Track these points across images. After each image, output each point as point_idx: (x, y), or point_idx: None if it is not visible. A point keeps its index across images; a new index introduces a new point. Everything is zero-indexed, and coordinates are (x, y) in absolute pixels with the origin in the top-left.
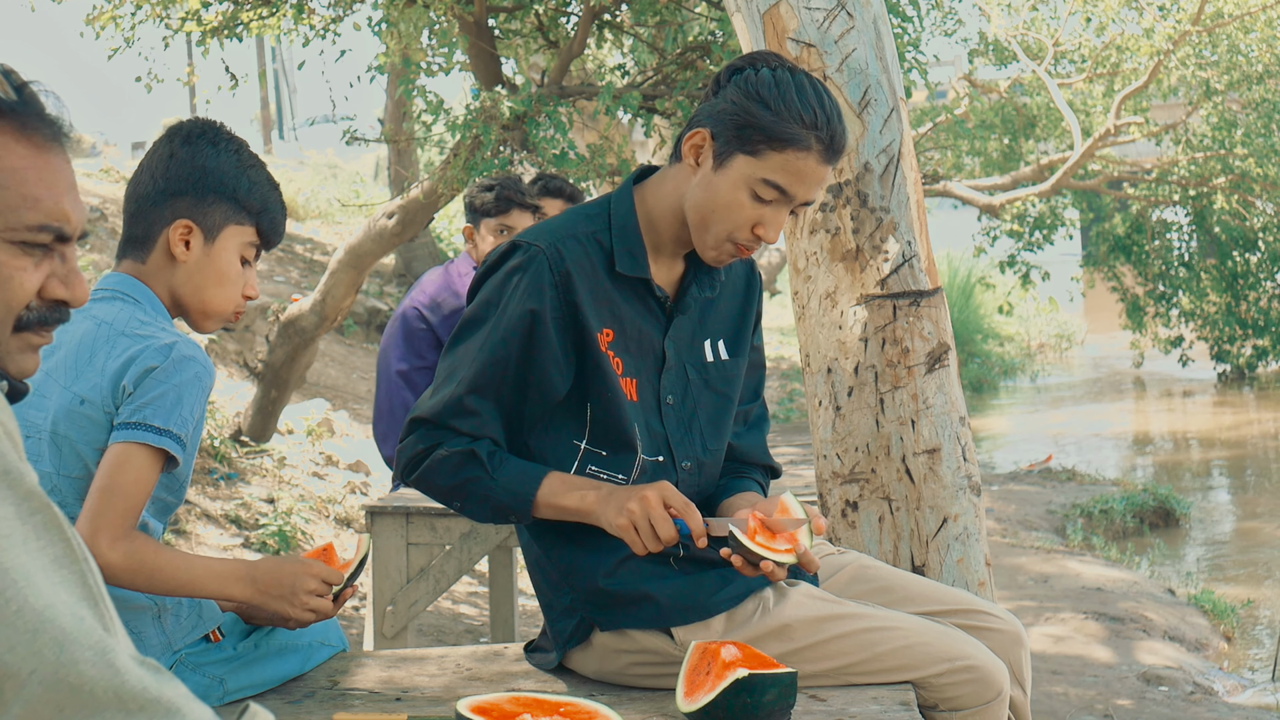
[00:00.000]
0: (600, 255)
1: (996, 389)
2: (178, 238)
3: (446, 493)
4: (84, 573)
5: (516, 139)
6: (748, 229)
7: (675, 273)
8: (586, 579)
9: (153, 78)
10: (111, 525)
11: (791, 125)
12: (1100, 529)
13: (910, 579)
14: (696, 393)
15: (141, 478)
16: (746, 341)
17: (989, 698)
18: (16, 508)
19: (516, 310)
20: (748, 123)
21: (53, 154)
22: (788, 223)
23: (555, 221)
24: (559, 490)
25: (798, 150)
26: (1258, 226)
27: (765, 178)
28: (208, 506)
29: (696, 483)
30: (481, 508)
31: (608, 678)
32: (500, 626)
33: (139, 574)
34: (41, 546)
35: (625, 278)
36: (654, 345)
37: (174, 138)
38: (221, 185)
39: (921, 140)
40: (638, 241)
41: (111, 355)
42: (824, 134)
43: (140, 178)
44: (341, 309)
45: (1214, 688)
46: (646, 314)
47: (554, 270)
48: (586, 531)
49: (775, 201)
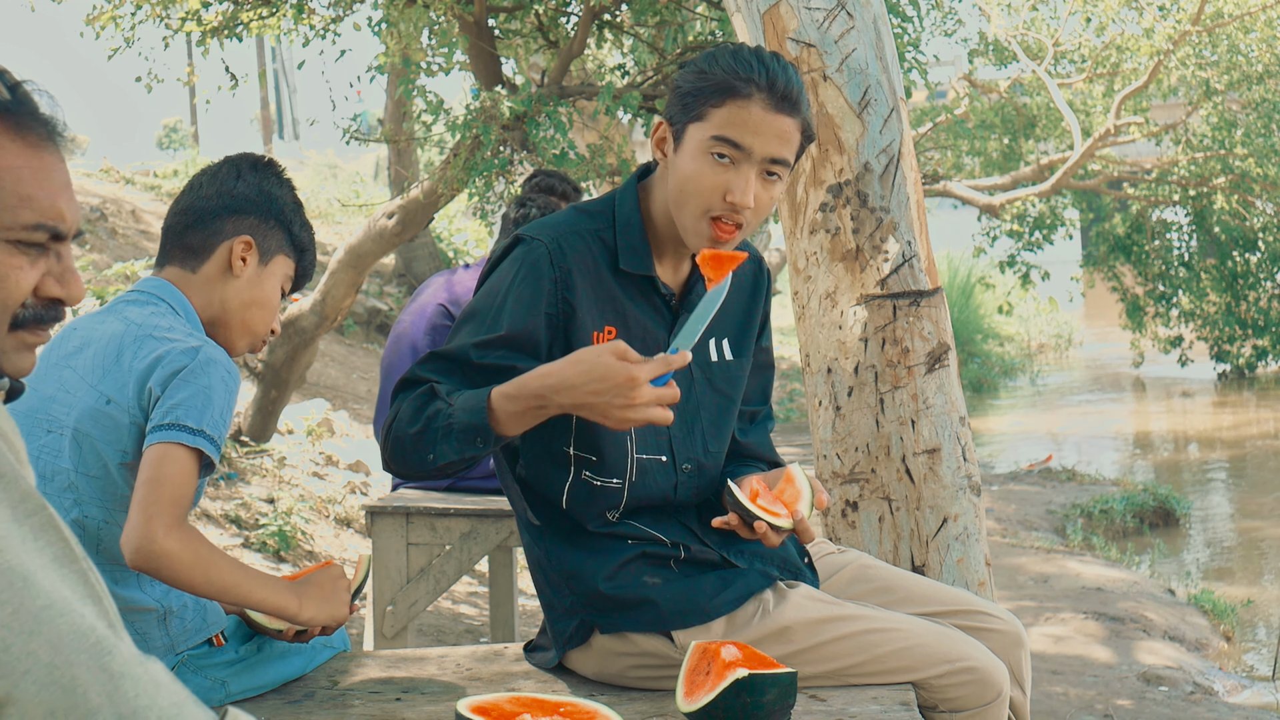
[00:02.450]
0: (604, 253)
1: (996, 389)
2: (240, 251)
3: (415, 440)
4: (84, 571)
5: (516, 139)
6: (718, 196)
7: (682, 273)
8: (587, 582)
9: (153, 78)
10: (164, 514)
11: (726, 79)
12: (1100, 529)
13: (911, 579)
14: (700, 393)
15: (184, 471)
16: (752, 342)
17: (989, 699)
18: (13, 509)
19: (513, 304)
20: (688, 91)
21: (47, 153)
22: (787, 222)
23: (559, 217)
24: (509, 385)
25: (737, 100)
26: (1258, 226)
27: (715, 134)
28: (208, 506)
29: (695, 484)
30: (448, 441)
31: (607, 679)
32: (500, 626)
33: (197, 563)
34: (40, 547)
35: (630, 275)
36: (659, 344)
37: (240, 163)
38: (282, 215)
39: (921, 140)
40: (641, 238)
41: (138, 356)
42: (762, 81)
43: (202, 191)
44: (341, 309)
45: (1214, 688)
46: (652, 312)
47: (555, 265)
48: (588, 535)
49: (735, 160)
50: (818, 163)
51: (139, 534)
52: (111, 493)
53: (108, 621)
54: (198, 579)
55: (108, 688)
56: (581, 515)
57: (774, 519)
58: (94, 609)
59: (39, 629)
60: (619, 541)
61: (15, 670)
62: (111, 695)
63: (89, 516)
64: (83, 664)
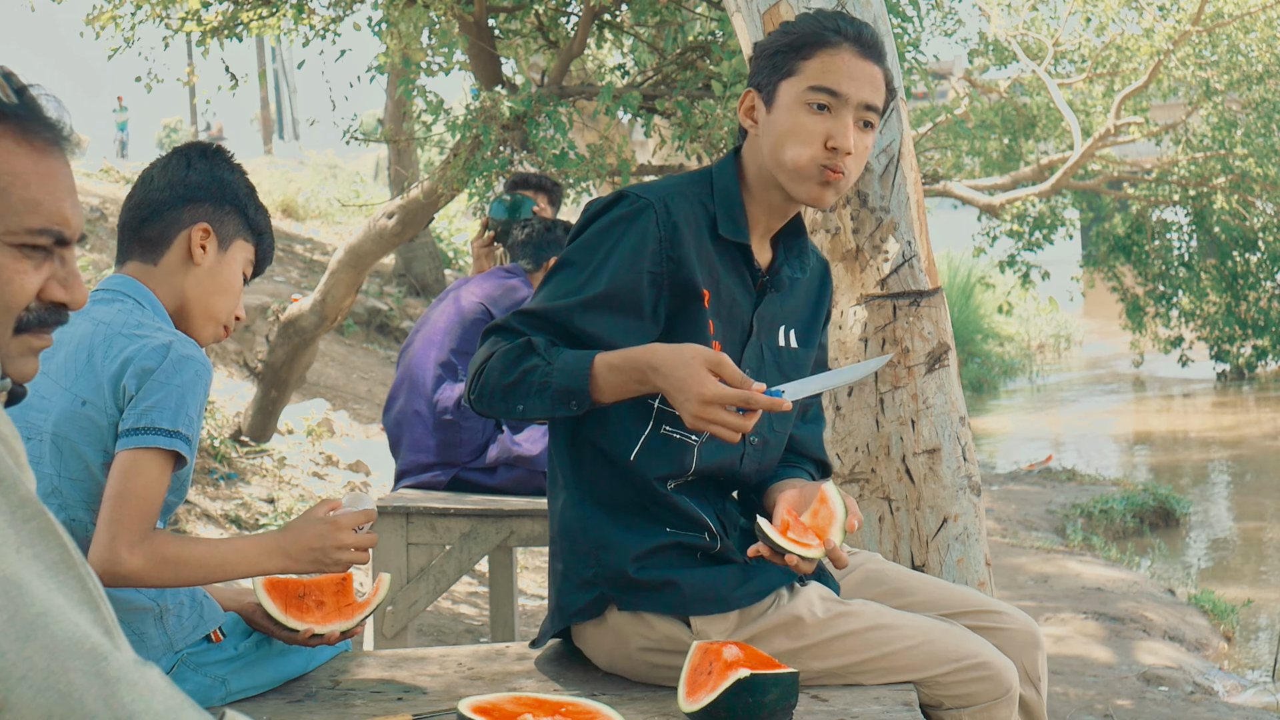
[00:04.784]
0: (705, 217)
1: (996, 389)
2: (199, 239)
3: (506, 391)
4: (82, 576)
5: (516, 139)
6: (820, 145)
7: (765, 256)
8: (616, 556)
9: (153, 78)
10: (129, 531)
11: (814, 31)
12: (1100, 529)
13: (923, 580)
14: (770, 373)
15: (153, 481)
16: (817, 335)
17: (998, 695)
18: (10, 515)
19: (616, 261)
20: (775, 51)
21: (53, 158)
22: None
23: (662, 181)
24: (614, 355)
25: (827, 50)
26: (1258, 226)
27: (810, 85)
28: (208, 506)
29: (760, 459)
30: (541, 398)
31: (616, 665)
32: (500, 626)
33: (164, 571)
34: (36, 553)
35: (726, 243)
36: (743, 317)
37: (189, 152)
38: (236, 199)
39: (921, 140)
40: (740, 207)
41: (109, 356)
42: (849, 30)
43: (155, 184)
44: (341, 309)
45: (1214, 688)
46: (741, 284)
47: (660, 225)
48: (626, 510)
49: (832, 107)
50: None
51: (104, 554)
52: (96, 494)
53: (104, 628)
54: (169, 582)
55: (104, 693)
56: (643, 473)
57: (804, 550)
58: (90, 615)
59: (34, 635)
60: (657, 525)
61: (12, 675)
62: (108, 700)
63: (75, 520)
64: (78, 670)
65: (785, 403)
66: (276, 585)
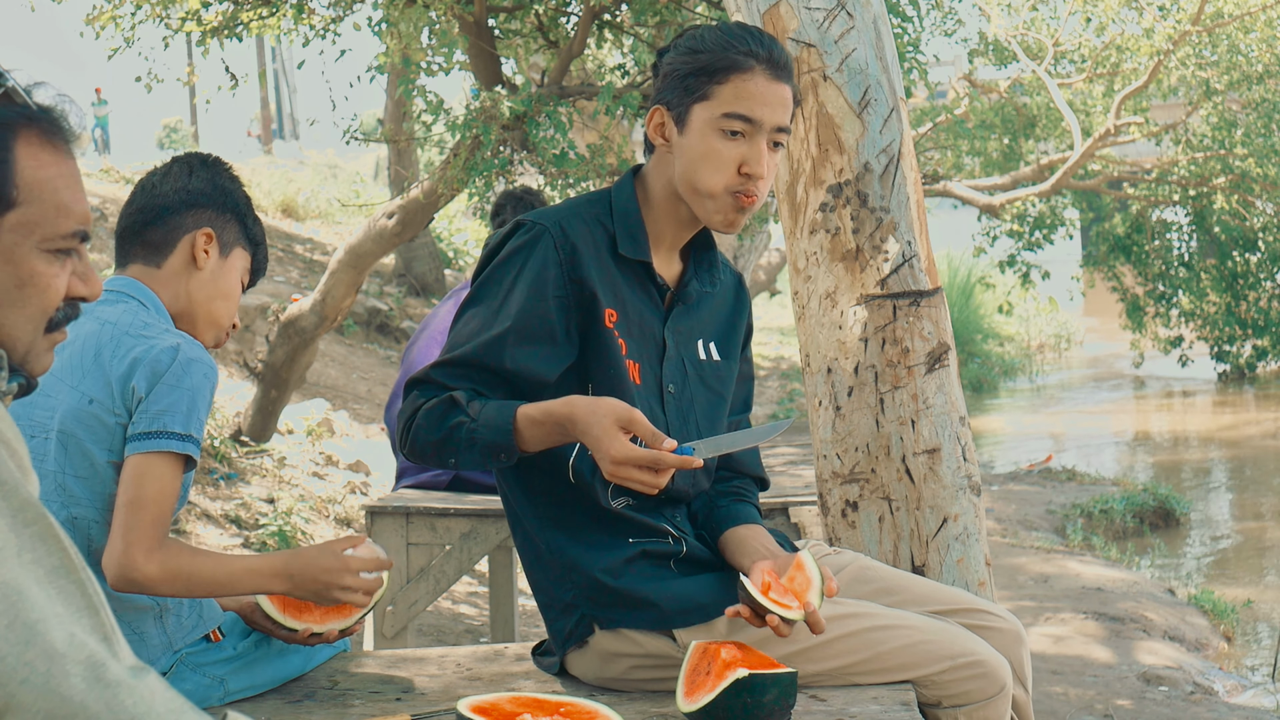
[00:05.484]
0: (604, 237)
1: (996, 389)
2: (202, 244)
3: (437, 447)
4: (82, 581)
5: (516, 139)
6: (734, 171)
7: (674, 270)
8: (587, 573)
9: (153, 78)
10: (144, 538)
11: (726, 55)
12: (1100, 529)
13: (911, 579)
14: (694, 386)
15: (167, 485)
16: (737, 348)
17: (993, 692)
18: (10, 519)
19: (521, 292)
20: (687, 73)
21: (71, 157)
22: (787, 222)
23: (559, 205)
24: (534, 408)
25: (740, 74)
26: (1258, 226)
27: (724, 111)
28: (208, 506)
29: (691, 475)
30: (470, 453)
31: (608, 684)
32: (500, 626)
33: (177, 581)
34: (37, 558)
35: (627, 261)
36: (654, 333)
37: (191, 160)
38: (236, 208)
39: (921, 140)
40: (639, 226)
41: (117, 355)
42: (761, 52)
43: (157, 190)
44: (341, 309)
45: (1214, 688)
46: (647, 300)
47: (559, 249)
48: (589, 525)
49: (746, 133)
50: (818, 163)
51: (119, 561)
52: (102, 492)
53: (103, 633)
54: (180, 592)
55: (104, 696)
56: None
57: (786, 612)
58: (90, 620)
59: (34, 640)
60: (619, 539)
61: (13, 679)
62: (109, 704)
63: (80, 517)
64: (78, 674)
65: (696, 461)
66: None
